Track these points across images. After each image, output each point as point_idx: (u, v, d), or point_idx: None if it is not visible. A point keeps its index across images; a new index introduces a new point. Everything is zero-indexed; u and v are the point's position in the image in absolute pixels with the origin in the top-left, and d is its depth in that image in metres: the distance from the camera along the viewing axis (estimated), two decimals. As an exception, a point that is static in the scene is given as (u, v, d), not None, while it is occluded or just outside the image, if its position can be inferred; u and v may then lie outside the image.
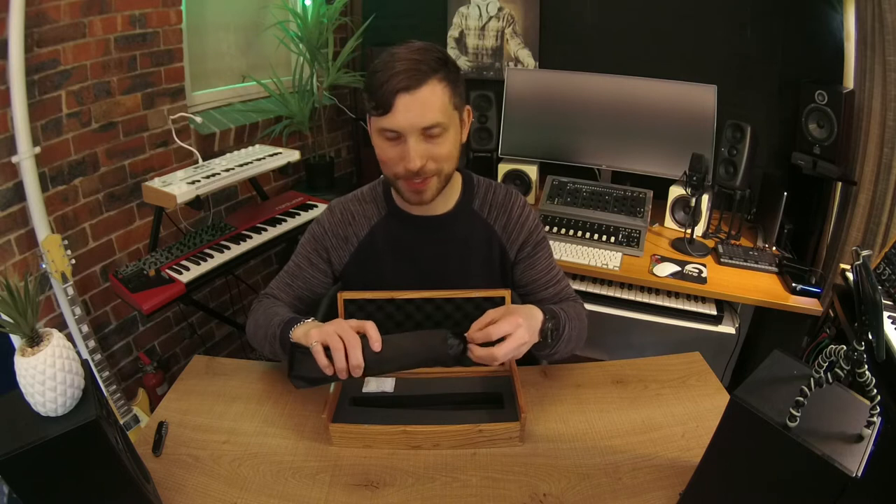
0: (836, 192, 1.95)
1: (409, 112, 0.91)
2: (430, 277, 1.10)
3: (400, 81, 0.90)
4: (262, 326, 1.04)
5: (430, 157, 0.95)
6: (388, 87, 0.90)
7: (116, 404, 1.66)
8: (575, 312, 1.09)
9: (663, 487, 0.86)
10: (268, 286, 1.19)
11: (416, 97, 0.91)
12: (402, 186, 1.00)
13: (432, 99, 0.92)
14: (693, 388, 1.08)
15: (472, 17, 2.52)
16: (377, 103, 0.93)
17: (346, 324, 0.88)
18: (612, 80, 2.18)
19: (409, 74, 0.90)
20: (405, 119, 0.92)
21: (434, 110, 0.93)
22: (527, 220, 1.14)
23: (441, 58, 0.94)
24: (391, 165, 0.98)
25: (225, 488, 0.87)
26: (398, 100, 0.90)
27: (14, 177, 1.54)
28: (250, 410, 1.04)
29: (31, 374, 0.67)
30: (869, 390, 0.66)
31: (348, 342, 0.85)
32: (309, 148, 2.54)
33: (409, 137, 0.93)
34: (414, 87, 0.90)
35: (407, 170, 0.95)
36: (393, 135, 0.94)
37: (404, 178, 0.97)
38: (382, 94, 0.91)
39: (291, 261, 1.17)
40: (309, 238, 1.15)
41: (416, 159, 0.93)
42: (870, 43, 1.71)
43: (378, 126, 0.95)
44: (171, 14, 1.92)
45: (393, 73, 0.90)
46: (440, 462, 0.92)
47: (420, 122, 0.92)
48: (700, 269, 1.83)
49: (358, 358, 0.84)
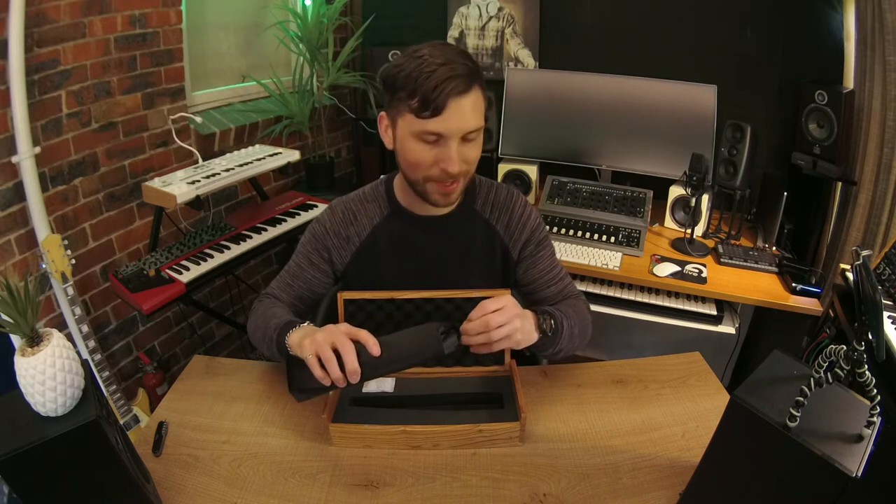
0: (836, 192, 1.95)
1: (461, 117, 0.92)
2: (431, 277, 1.10)
3: (457, 85, 0.90)
4: (261, 328, 1.04)
5: (465, 160, 0.96)
6: (443, 90, 0.89)
7: (116, 404, 1.66)
8: (575, 310, 1.09)
9: (663, 487, 0.86)
10: (269, 286, 1.18)
11: (467, 102, 0.92)
12: (431, 189, 1.00)
13: (478, 104, 0.94)
14: (693, 388, 1.08)
15: (472, 17, 2.52)
16: (425, 104, 0.90)
17: (339, 331, 0.86)
18: (612, 80, 2.18)
19: (464, 80, 0.90)
20: (456, 123, 0.92)
21: (479, 115, 0.94)
22: (528, 220, 1.14)
23: (475, 61, 0.96)
24: (424, 168, 0.97)
25: (225, 488, 0.87)
26: (451, 103, 0.90)
27: (14, 177, 1.54)
28: (250, 410, 1.04)
29: (31, 374, 0.67)
30: (869, 390, 0.66)
31: (342, 350, 0.83)
32: (309, 148, 2.54)
33: (452, 141, 0.93)
34: (466, 91, 0.91)
35: (446, 172, 0.95)
36: (434, 137, 0.94)
37: (437, 180, 0.97)
38: (435, 96, 0.89)
39: (292, 260, 1.17)
40: (310, 237, 1.15)
41: (459, 163, 0.94)
42: (870, 43, 1.71)
43: (421, 128, 0.93)
44: (171, 14, 1.92)
45: (447, 76, 0.89)
46: (440, 462, 0.92)
47: (467, 127, 0.93)
48: (700, 269, 1.83)
49: (354, 363, 0.82)
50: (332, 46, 2.36)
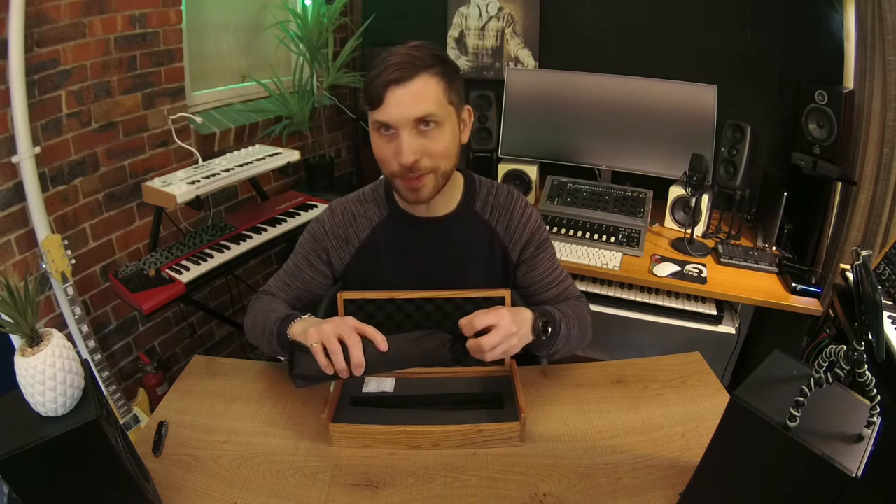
0: (836, 192, 1.95)
1: (401, 104, 0.92)
2: (430, 279, 1.10)
3: (391, 74, 0.91)
4: (260, 323, 1.04)
5: (424, 152, 0.94)
6: (380, 80, 0.91)
7: (116, 404, 1.66)
8: (574, 311, 1.09)
9: (663, 487, 0.86)
10: (266, 284, 1.18)
11: (408, 89, 0.91)
12: (399, 185, 1.00)
13: (425, 91, 0.92)
14: (693, 388, 1.08)
15: (472, 17, 2.52)
16: (370, 97, 0.93)
17: (346, 324, 0.88)
18: (612, 80, 2.18)
19: (400, 67, 0.91)
20: (396, 111, 0.92)
21: (426, 102, 0.92)
22: (528, 221, 1.13)
23: (437, 55, 0.95)
24: (387, 163, 0.97)
25: (225, 488, 0.87)
26: (389, 92, 0.91)
27: (14, 177, 1.54)
28: (250, 410, 1.04)
29: (31, 374, 0.67)
30: (869, 390, 0.66)
31: (349, 343, 0.85)
32: (309, 148, 2.54)
33: (402, 131, 0.93)
34: (405, 79, 0.91)
35: (401, 165, 0.94)
36: (387, 130, 0.94)
37: (400, 175, 0.97)
38: (374, 87, 0.92)
39: (290, 260, 1.17)
40: (308, 238, 1.15)
41: (409, 153, 0.93)
42: (870, 43, 1.71)
43: (372, 120, 0.96)
44: (171, 14, 1.92)
45: (385, 66, 0.91)
46: (440, 462, 0.92)
47: (411, 113, 0.92)
48: (700, 269, 1.83)
49: (359, 357, 0.84)
50: (332, 46, 2.36)
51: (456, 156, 1.01)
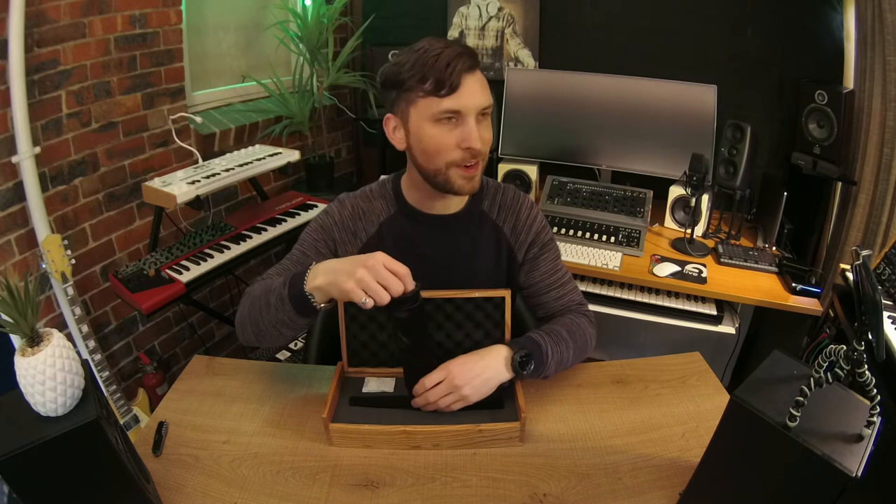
0: (836, 192, 1.95)
1: (474, 92, 0.94)
2: (436, 277, 1.09)
3: (465, 61, 0.93)
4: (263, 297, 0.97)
5: (482, 139, 0.97)
6: (455, 66, 0.92)
7: (116, 404, 1.66)
8: (570, 329, 1.08)
9: (663, 487, 0.86)
10: (265, 272, 1.12)
11: (477, 78, 0.95)
12: (454, 175, 0.99)
13: (485, 82, 0.97)
14: (693, 388, 1.08)
15: (472, 17, 2.52)
16: (440, 84, 0.92)
17: (378, 263, 0.82)
18: (612, 80, 2.18)
19: (470, 56, 0.94)
20: (471, 98, 0.94)
21: (488, 92, 0.97)
22: (534, 222, 1.14)
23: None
24: (446, 152, 0.97)
25: (225, 488, 0.87)
26: (465, 78, 0.93)
27: (14, 177, 1.54)
28: (250, 410, 1.04)
29: (31, 374, 0.67)
30: (869, 390, 0.66)
31: (388, 284, 0.82)
32: (309, 148, 2.54)
33: (470, 118, 0.95)
34: (475, 67, 0.95)
35: (470, 150, 0.96)
36: (452, 116, 0.95)
37: (460, 163, 0.98)
38: (448, 73, 0.92)
39: (295, 248, 1.13)
40: (317, 227, 1.12)
41: (479, 139, 0.95)
42: (870, 43, 1.71)
43: (438, 108, 0.94)
44: (171, 14, 1.92)
45: (457, 54, 0.93)
46: (440, 462, 0.92)
47: (482, 102, 0.96)
48: (700, 269, 1.83)
49: (400, 289, 0.82)
50: (332, 46, 2.36)
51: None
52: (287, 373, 1.13)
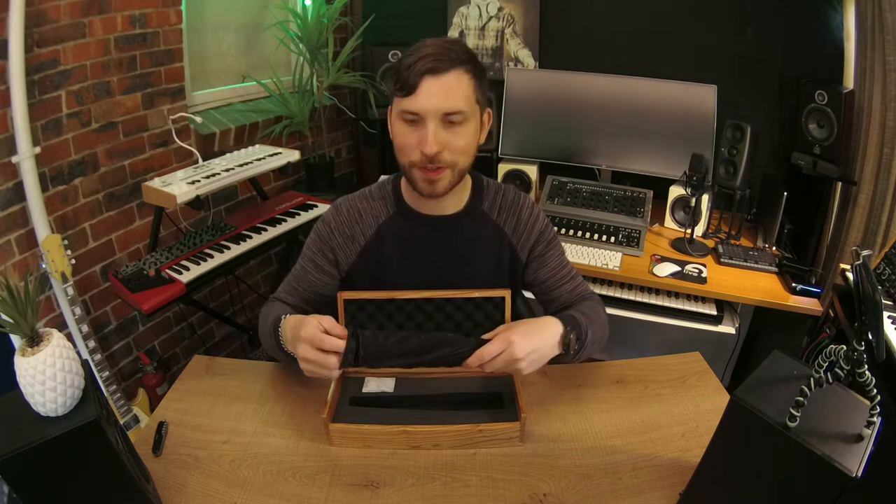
0: (836, 192, 1.95)
1: (433, 95, 0.92)
2: (436, 277, 1.10)
3: (426, 63, 0.91)
4: (266, 335, 1.05)
5: (447, 146, 0.95)
6: (415, 68, 0.91)
7: (116, 404, 1.66)
8: (593, 313, 1.09)
9: (663, 487, 0.86)
10: (277, 290, 1.18)
11: (442, 81, 0.92)
12: (416, 176, 1.00)
13: (457, 86, 0.94)
14: (693, 388, 1.08)
15: (472, 17, 2.52)
16: (402, 84, 0.93)
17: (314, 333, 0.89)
18: (612, 80, 2.18)
19: (437, 58, 0.92)
20: (428, 101, 0.92)
21: (457, 97, 0.94)
22: (536, 221, 1.14)
23: (470, 52, 0.97)
24: (408, 152, 0.97)
25: (225, 488, 0.87)
26: (423, 81, 0.92)
27: (14, 177, 1.54)
28: (250, 410, 1.04)
29: (31, 374, 0.67)
30: (869, 390, 0.66)
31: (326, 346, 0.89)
32: (309, 148, 2.54)
33: (429, 121, 0.94)
34: (441, 70, 0.92)
35: (423, 154, 0.95)
36: (413, 117, 0.94)
37: (419, 165, 0.97)
38: (408, 74, 0.92)
39: (298, 263, 1.16)
40: (315, 238, 1.14)
41: (433, 143, 0.94)
42: (870, 43, 1.71)
43: (400, 108, 0.95)
44: (171, 14, 1.92)
45: (421, 55, 0.92)
46: (440, 462, 0.92)
47: (442, 107, 0.93)
48: (700, 269, 1.83)
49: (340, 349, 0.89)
50: (332, 46, 2.36)
51: (473, 154, 1.02)
52: (287, 373, 1.13)
